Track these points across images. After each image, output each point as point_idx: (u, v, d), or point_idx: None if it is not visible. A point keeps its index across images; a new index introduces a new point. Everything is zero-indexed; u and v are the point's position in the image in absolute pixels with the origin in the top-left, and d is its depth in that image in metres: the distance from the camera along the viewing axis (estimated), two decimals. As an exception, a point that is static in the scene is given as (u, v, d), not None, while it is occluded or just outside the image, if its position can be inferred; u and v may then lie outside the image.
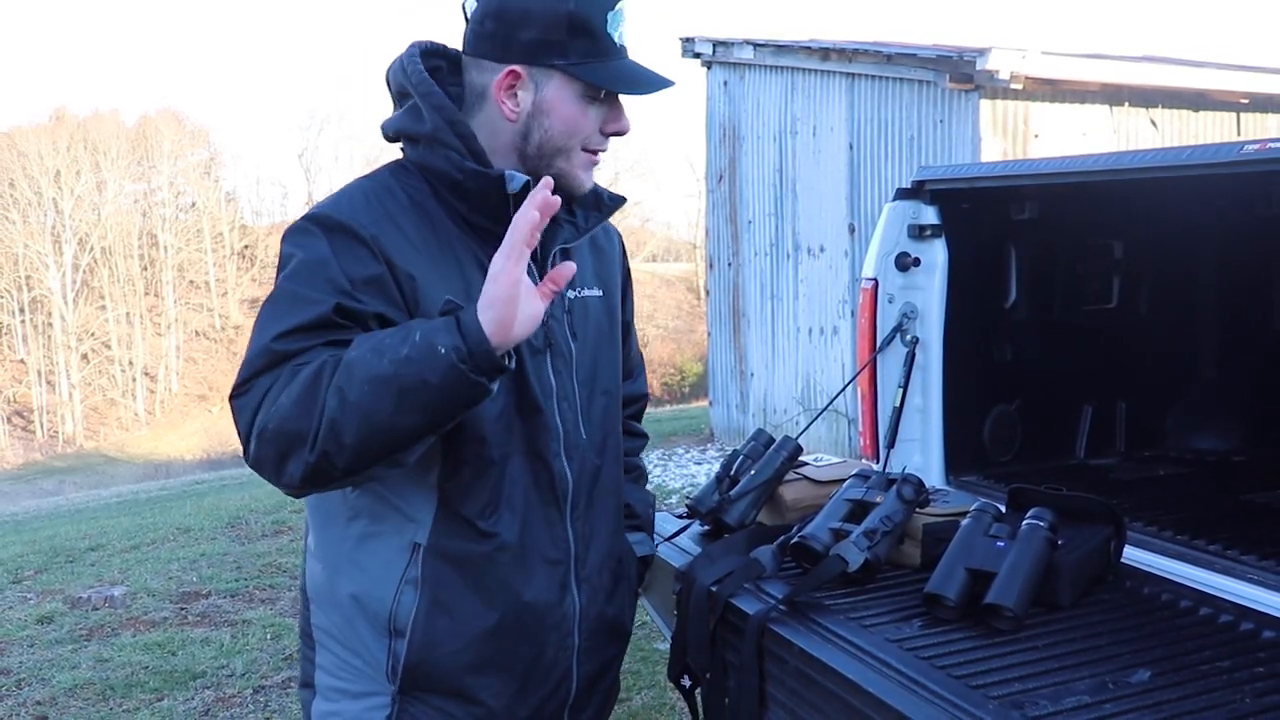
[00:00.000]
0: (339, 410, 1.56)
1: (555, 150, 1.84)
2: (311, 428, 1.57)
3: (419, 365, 1.55)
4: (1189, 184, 2.55)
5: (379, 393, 1.56)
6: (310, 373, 1.60)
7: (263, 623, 5.83)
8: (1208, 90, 8.97)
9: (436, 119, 1.80)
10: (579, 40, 1.78)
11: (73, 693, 4.94)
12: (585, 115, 1.83)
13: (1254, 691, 1.75)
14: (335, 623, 1.90)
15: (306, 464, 1.59)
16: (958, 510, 2.37)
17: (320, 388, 1.58)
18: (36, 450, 42.15)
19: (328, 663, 1.92)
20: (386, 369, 1.56)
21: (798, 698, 1.96)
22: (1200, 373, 3.73)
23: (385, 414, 1.56)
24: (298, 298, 1.69)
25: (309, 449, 1.58)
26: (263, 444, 1.62)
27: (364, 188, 1.84)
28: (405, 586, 1.83)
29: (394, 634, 1.84)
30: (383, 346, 1.59)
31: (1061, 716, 1.65)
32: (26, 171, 45.53)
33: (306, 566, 1.98)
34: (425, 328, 1.59)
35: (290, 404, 1.59)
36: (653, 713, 4.43)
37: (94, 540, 8.40)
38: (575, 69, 1.79)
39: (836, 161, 9.93)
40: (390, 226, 1.76)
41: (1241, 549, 2.40)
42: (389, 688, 1.86)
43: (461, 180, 1.80)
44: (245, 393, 1.67)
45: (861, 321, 3.36)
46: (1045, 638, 1.97)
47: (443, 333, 1.57)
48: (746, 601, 2.13)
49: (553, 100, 1.81)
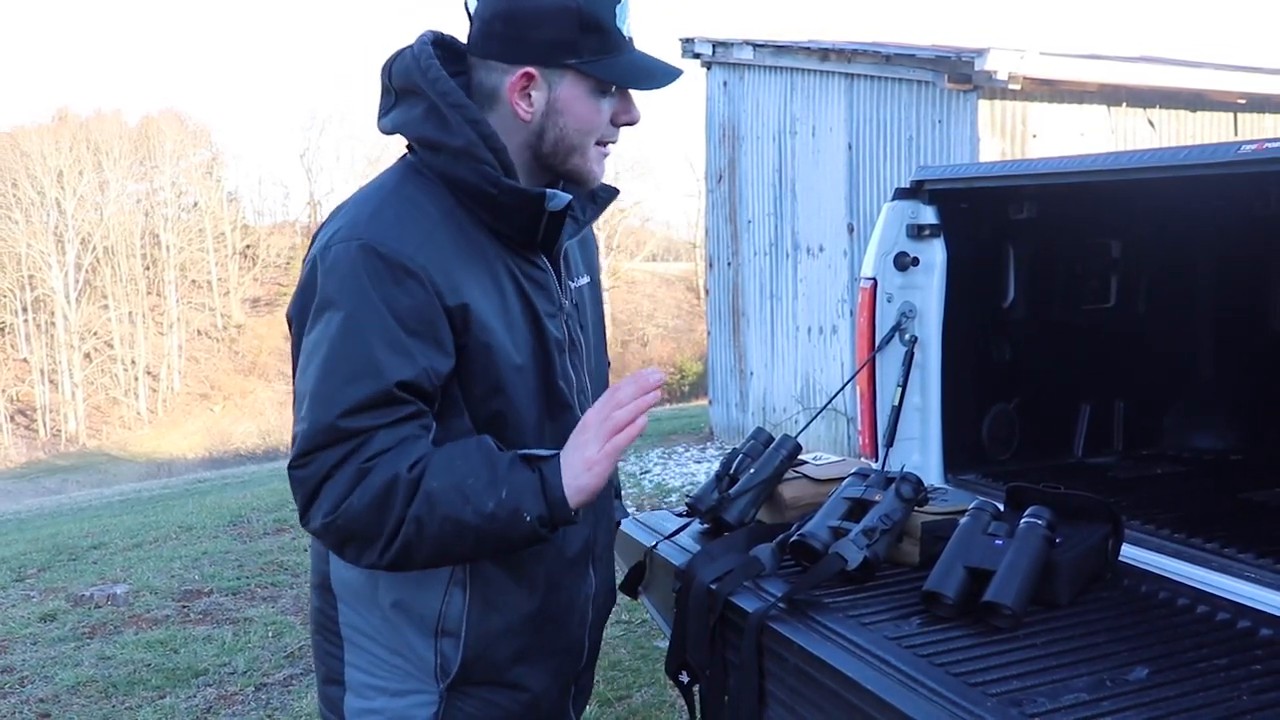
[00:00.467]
0: (415, 538, 1.65)
1: (571, 148, 1.84)
2: (385, 537, 1.65)
3: (503, 526, 1.66)
4: (1186, 184, 2.55)
5: (459, 536, 1.66)
6: (384, 482, 1.64)
7: (264, 620, 5.83)
8: (1205, 90, 8.97)
9: (470, 134, 1.75)
10: (590, 37, 1.76)
11: (75, 690, 4.94)
12: (598, 110, 1.83)
13: (1251, 689, 1.75)
14: (375, 625, 1.89)
15: (372, 564, 1.69)
16: (956, 509, 2.37)
17: (394, 505, 1.64)
18: (39, 449, 42.17)
19: (362, 661, 1.91)
20: (470, 519, 1.65)
21: (797, 695, 1.96)
22: (1198, 372, 3.73)
23: (460, 551, 1.70)
24: (355, 365, 1.67)
25: (378, 554, 1.67)
26: (329, 532, 1.69)
27: (392, 204, 1.78)
28: (453, 589, 1.84)
29: (442, 635, 1.86)
30: (468, 491, 1.65)
31: (1059, 714, 1.65)
32: (29, 171, 45.53)
33: (331, 565, 1.93)
34: (512, 484, 1.66)
35: (362, 510, 1.65)
36: (652, 710, 4.42)
37: (97, 538, 8.41)
38: (588, 66, 1.78)
39: (835, 161, 9.92)
40: (434, 251, 1.73)
41: (1239, 547, 2.40)
42: (436, 686, 1.88)
43: (496, 195, 1.77)
44: (305, 465, 1.68)
45: (860, 321, 3.36)
46: (1043, 635, 1.97)
47: (529, 497, 1.66)
48: (746, 599, 2.13)
49: (567, 99, 1.80)
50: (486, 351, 1.76)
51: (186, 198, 51.23)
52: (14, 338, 45.92)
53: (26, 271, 45.46)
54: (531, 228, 1.80)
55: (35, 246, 45.40)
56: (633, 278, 48.51)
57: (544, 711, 1.98)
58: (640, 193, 54.14)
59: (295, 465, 1.69)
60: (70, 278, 45.81)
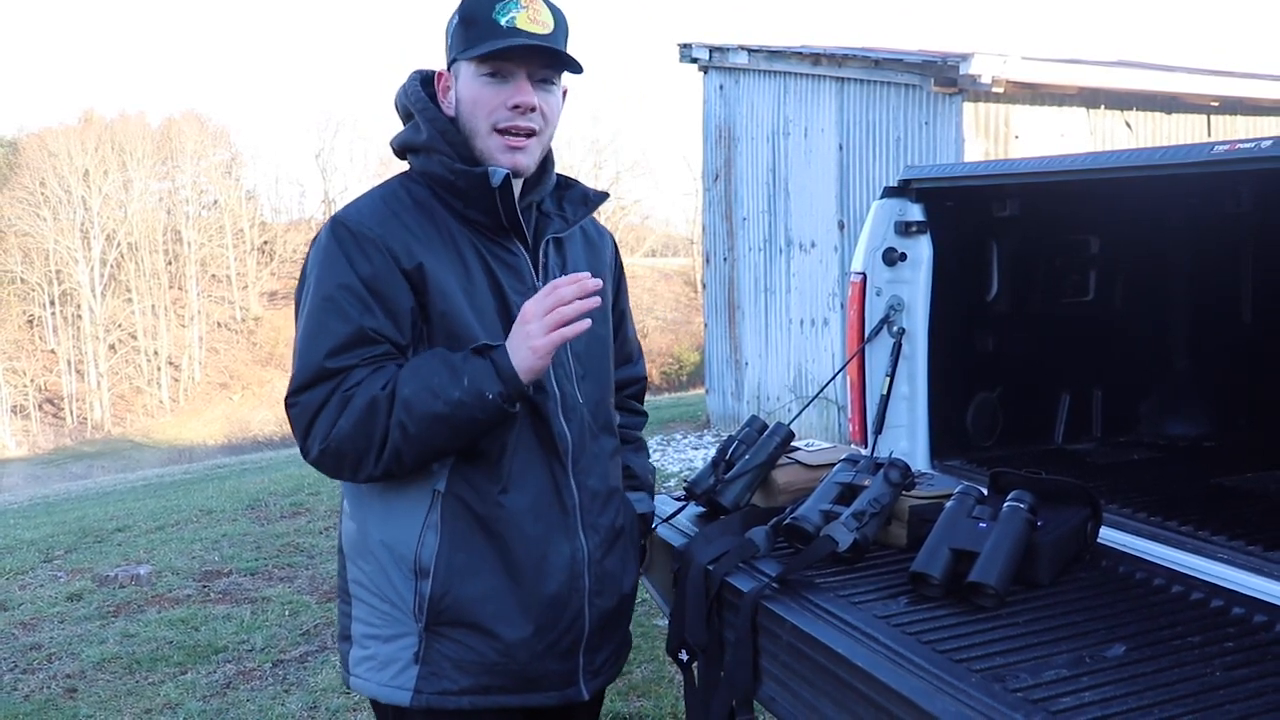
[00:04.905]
0: (402, 441, 1.85)
1: (472, 131, 1.98)
2: (374, 448, 1.86)
3: (471, 408, 1.84)
4: (1162, 183, 2.55)
5: (437, 428, 1.85)
6: (365, 403, 1.85)
7: (281, 600, 5.83)
8: (1180, 94, 8.96)
9: (431, 130, 1.99)
10: (470, 30, 1.94)
11: (101, 666, 4.94)
12: (485, 92, 1.95)
13: (1224, 665, 1.75)
14: (368, 573, 2.00)
15: (369, 475, 1.90)
16: (942, 493, 2.37)
17: (378, 418, 1.84)
18: (66, 436, 42.17)
19: (362, 614, 2.03)
20: (442, 410, 1.84)
21: (790, 671, 1.96)
22: (1172, 362, 3.72)
23: (441, 441, 1.88)
24: (328, 313, 1.90)
25: (373, 464, 1.87)
26: (325, 456, 1.89)
27: (375, 195, 2.03)
28: (427, 530, 1.95)
29: (419, 574, 1.95)
30: (435, 387, 1.84)
31: (1041, 689, 1.65)
32: (57, 171, 45.45)
33: (342, 528, 2.08)
34: (470, 372, 1.85)
35: (351, 428, 1.86)
36: (652, 685, 4.43)
37: (121, 521, 8.41)
38: (463, 54, 1.95)
39: (827, 161, 9.91)
40: (396, 224, 1.95)
41: (1211, 530, 2.40)
42: (415, 626, 1.96)
43: (454, 180, 1.97)
44: (297, 404, 1.91)
45: (851, 313, 3.35)
46: (1025, 614, 1.97)
47: (488, 379, 1.85)
48: (741, 580, 2.14)
49: (462, 88, 1.99)
50: (445, 319, 1.92)
51: (207, 196, 51.23)
52: (42, 330, 45.90)
53: (54, 266, 45.41)
54: (492, 208, 1.96)
55: (62, 243, 45.35)
56: (633, 272, 47.79)
57: (523, 664, 1.98)
58: (640, 191, 54.12)
59: (289, 404, 1.92)
60: (96, 272, 45.77)
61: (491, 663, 1.97)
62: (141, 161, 48.22)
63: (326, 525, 7.56)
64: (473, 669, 1.96)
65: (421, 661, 1.96)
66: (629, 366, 2.38)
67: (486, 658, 1.96)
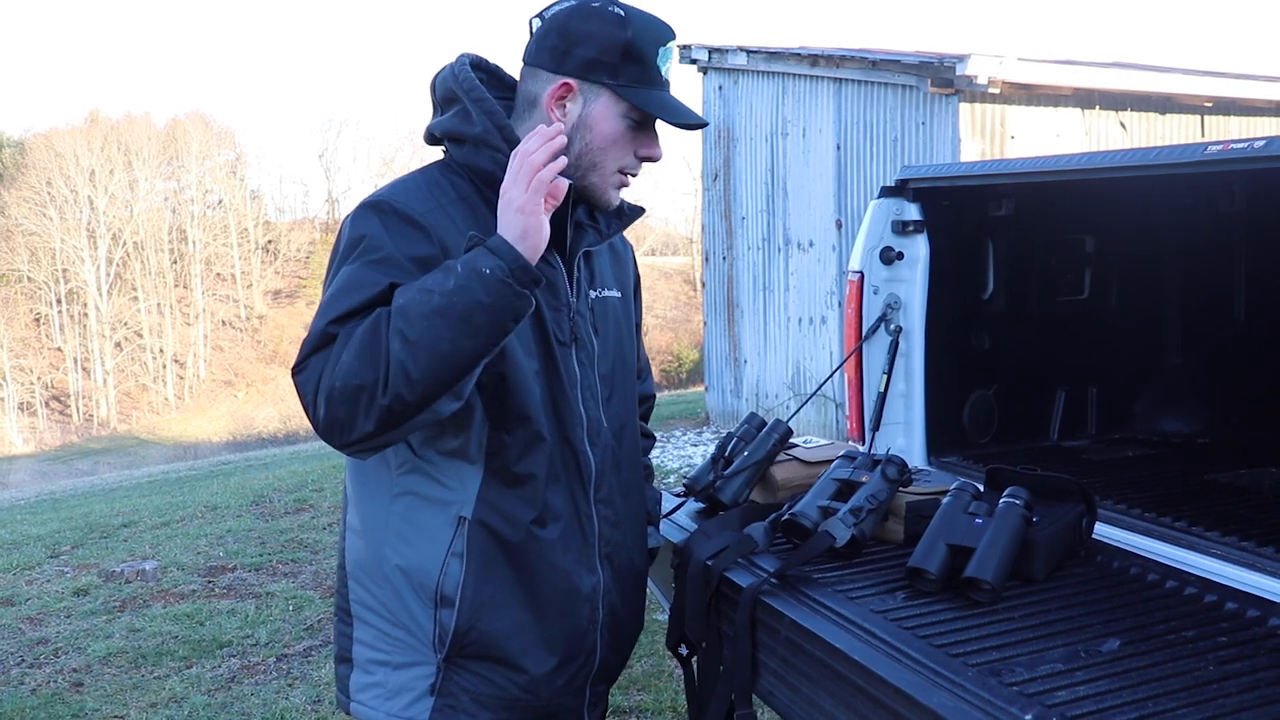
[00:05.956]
0: (403, 350, 1.60)
1: (591, 164, 1.86)
2: (380, 374, 1.60)
3: (469, 290, 1.61)
4: (1156, 183, 2.55)
5: (438, 324, 1.60)
6: (366, 327, 1.63)
7: (285, 595, 5.83)
8: (1174, 94, 8.96)
9: (486, 123, 1.82)
10: (630, 66, 1.81)
11: (107, 660, 4.94)
12: (624, 135, 1.85)
13: (1217, 660, 1.75)
14: (379, 597, 1.89)
15: (381, 409, 1.61)
16: (938, 489, 2.37)
17: (380, 336, 1.61)
18: (73, 433, 42.18)
19: (367, 636, 1.91)
20: (440, 301, 1.61)
21: (788, 665, 1.96)
22: (1167, 360, 3.72)
23: (447, 341, 1.61)
24: (355, 282, 1.70)
25: (381, 393, 1.60)
26: (332, 404, 1.63)
27: (417, 180, 1.87)
28: (451, 558, 1.83)
29: (440, 603, 1.84)
30: (428, 285, 1.63)
31: (1036, 683, 1.65)
32: (63, 171, 45.42)
33: (347, 544, 1.96)
34: (462, 260, 1.65)
35: (353, 359, 1.62)
36: (652, 679, 4.43)
37: (127, 517, 8.41)
38: (623, 90, 1.81)
39: (825, 161, 9.90)
40: (441, 215, 1.80)
41: (1205, 526, 2.39)
42: (434, 657, 1.86)
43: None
44: (304, 369, 1.68)
45: (848, 312, 3.35)
46: (1021, 609, 1.97)
47: (481, 258, 1.64)
48: (740, 575, 2.13)
49: (598, 116, 1.83)
50: None
51: (212, 195, 51.15)
52: (49, 328, 45.88)
53: (61, 265, 45.41)
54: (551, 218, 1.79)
55: (69, 242, 45.33)
56: (633, 271, 48.29)
57: (545, 700, 1.91)
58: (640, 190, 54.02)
59: (296, 371, 1.70)
60: (102, 271, 45.76)
61: (513, 698, 1.88)
62: (147, 161, 48.18)
63: (330, 521, 7.55)
64: (492, 704, 1.87)
65: (438, 693, 1.86)
66: (638, 384, 2.25)
67: (509, 693, 1.88)
